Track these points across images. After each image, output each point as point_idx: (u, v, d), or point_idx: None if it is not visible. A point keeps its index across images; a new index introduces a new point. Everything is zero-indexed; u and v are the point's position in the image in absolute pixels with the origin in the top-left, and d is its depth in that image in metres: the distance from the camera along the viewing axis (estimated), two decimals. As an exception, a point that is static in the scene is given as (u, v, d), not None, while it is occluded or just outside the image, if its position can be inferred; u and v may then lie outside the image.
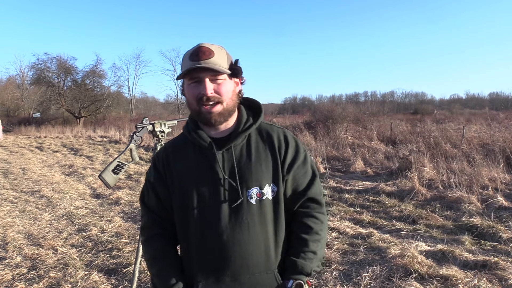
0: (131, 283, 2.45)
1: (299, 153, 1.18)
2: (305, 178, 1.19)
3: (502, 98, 67.06)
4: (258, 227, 1.11)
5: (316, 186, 1.19)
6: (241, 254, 1.09)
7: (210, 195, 1.11)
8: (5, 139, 18.13)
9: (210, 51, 1.07)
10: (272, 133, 1.18)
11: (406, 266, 3.14)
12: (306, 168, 1.19)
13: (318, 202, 1.19)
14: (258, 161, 1.14)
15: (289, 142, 1.17)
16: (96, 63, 29.38)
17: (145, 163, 9.69)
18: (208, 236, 1.11)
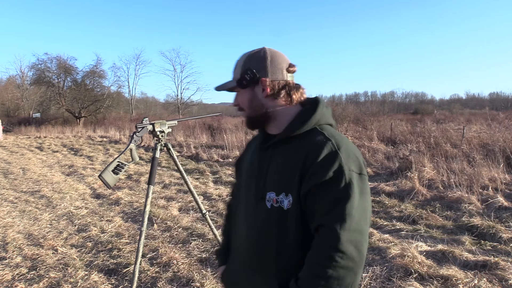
0: (131, 283, 2.45)
1: (328, 169, 0.98)
2: (326, 200, 0.98)
3: (502, 98, 67.08)
4: (265, 231, 1.09)
5: (339, 214, 0.96)
6: (247, 248, 1.16)
7: (244, 187, 1.21)
8: (5, 139, 18.13)
9: (235, 65, 1.17)
10: (311, 142, 1.05)
11: (406, 266, 3.14)
12: (331, 188, 0.98)
13: (335, 235, 0.94)
14: (283, 167, 1.07)
15: (320, 153, 1.00)
16: (96, 63, 29.40)
17: (145, 163, 9.70)
18: (236, 224, 1.27)
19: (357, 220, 0.96)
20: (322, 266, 0.96)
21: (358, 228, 0.96)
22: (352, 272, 0.96)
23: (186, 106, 39.81)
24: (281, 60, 1.13)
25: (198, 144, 12.45)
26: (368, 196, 1.02)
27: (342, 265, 0.94)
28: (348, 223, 0.95)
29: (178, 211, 5.19)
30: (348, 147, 1.04)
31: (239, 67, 1.14)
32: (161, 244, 3.90)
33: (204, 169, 8.57)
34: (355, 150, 1.07)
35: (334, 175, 0.97)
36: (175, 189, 6.64)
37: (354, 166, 1.00)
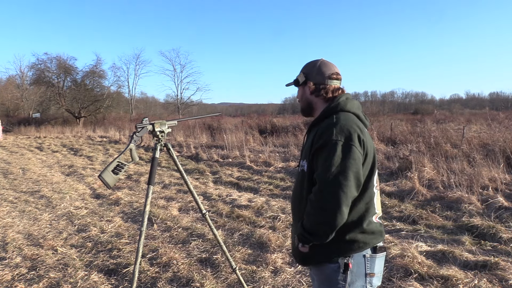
0: (131, 283, 2.45)
1: (322, 137, 1.39)
2: (318, 159, 1.39)
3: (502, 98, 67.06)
4: (298, 187, 1.54)
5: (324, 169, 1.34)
6: (293, 202, 1.62)
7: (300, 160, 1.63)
8: (5, 139, 18.12)
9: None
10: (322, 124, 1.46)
11: (406, 266, 3.14)
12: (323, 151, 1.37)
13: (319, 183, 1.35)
14: (308, 142, 1.51)
15: (322, 128, 1.42)
16: (96, 63, 29.39)
17: (145, 163, 9.69)
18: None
19: (335, 174, 1.32)
20: (309, 207, 1.38)
21: (336, 180, 1.32)
22: (329, 213, 1.32)
23: (186, 106, 39.80)
24: (326, 69, 1.57)
25: (198, 144, 12.44)
26: (353, 161, 1.34)
27: (320, 206, 1.34)
28: (327, 175, 1.32)
29: (178, 211, 5.19)
30: (345, 124, 1.40)
31: (301, 71, 1.63)
32: (161, 244, 3.90)
33: (204, 169, 8.57)
34: (351, 127, 1.39)
35: (324, 142, 1.37)
36: (175, 189, 6.63)
37: (342, 137, 1.36)
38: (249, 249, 3.72)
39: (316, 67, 1.59)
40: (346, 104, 1.52)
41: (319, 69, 1.58)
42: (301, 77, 1.60)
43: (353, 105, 1.53)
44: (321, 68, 1.58)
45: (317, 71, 1.58)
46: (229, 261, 2.66)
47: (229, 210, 5.09)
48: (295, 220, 1.57)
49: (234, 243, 3.91)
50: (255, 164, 8.72)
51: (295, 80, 1.63)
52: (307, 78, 1.59)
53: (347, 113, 1.48)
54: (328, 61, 1.61)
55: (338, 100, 1.53)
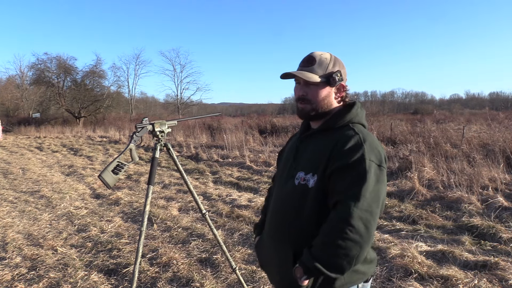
0: (131, 283, 2.45)
1: (352, 155, 1.16)
2: (346, 180, 1.15)
3: (502, 98, 67.09)
4: (292, 204, 1.29)
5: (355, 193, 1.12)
6: (276, 219, 1.37)
7: (283, 169, 1.43)
8: (5, 139, 18.12)
9: (313, 60, 1.30)
10: (342, 134, 1.26)
11: (406, 266, 3.14)
12: (352, 171, 1.15)
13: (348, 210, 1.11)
14: (315, 152, 1.28)
15: (348, 143, 1.20)
16: (96, 63, 29.41)
17: (145, 163, 9.69)
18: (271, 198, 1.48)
19: (369, 201, 1.12)
20: (333, 236, 1.12)
21: (369, 209, 1.12)
22: (358, 246, 1.11)
23: (186, 106, 39.81)
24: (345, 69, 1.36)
25: (198, 144, 12.44)
26: (384, 186, 1.18)
27: (351, 238, 1.10)
28: (361, 202, 1.11)
29: (178, 211, 5.19)
30: (372, 142, 1.22)
31: (325, 65, 1.30)
32: (161, 244, 3.90)
33: (204, 169, 8.57)
34: (379, 146, 1.24)
35: (356, 161, 1.16)
36: (175, 189, 6.63)
37: (375, 158, 1.18)
38: (249, 249, 3.72)
39: (345, 67, 1.35)
40: (363, 115, 1.34)
41: (345, 69, 1.35)
42: (337, 76, 1.29)
43: (364, 116, 1.37)
44: (345, 68, 1.36)
45: (345, 72, 1.34)
46: (229, 261, 2.66)
47: (229, 210, 5.09)
48: (284, 245, 1.30)
49: (234, 243, 3.91)
50: (255, 164, 8.72)
51: (326, 76, 1.29)
52: (341, 79, 1.31)
53: (362, 127, 1.31)
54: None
55: (357, 108, 1.33)
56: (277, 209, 1.38)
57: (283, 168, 1.43)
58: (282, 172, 1.42)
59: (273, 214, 1.40)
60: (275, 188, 1.47)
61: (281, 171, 1.44)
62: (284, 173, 1.39)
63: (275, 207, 1.39)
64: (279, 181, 1.42)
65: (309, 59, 1.30)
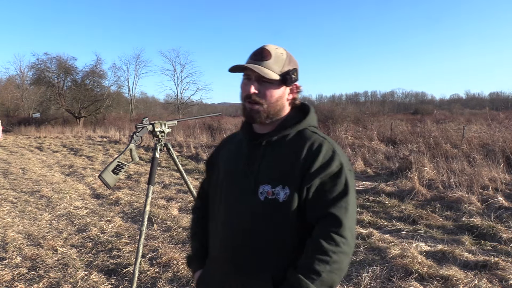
0: (131, 283, 2.45)
1: (330, 165, 1.08)
2: (331, 192, 1.08)
3: (502, 98, 67.10)
4: (259, 223, 1.11)
5: (342, 205, 1.07)
6: (237, 243, 1.14)
7: (229, 183, 1.20)
8: (5, 139, 18.12)
9: (268, 54, 1.12)
10: (308, 140, 1.14)
11: (406, 266, 3.14)
12: (335, 182, 1.08)
13: (339, 222, 1.05)
14: (280, 161, 1.13)
15: (321, 151, 1.10)
16: (96, 63, 29.32)
17: (145, 163, 9.69)
18: (218, 220, 1.22)
19: (352, 210, 1.09)
20: (327, 250, 1.03)
21: (354, 217, 1.09)
22: (348, 257, 1.07)
23: (186, 106, 39.81)
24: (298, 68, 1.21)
25: (198, 144, 12.45)
26: (355, 191, 1.14)
27: (344, 250, 1.05)
28: (349, 213, 1.07)
29: (178, 211, 5.19)
30: (339, 147, 1.16)
31: (281, 62, 1.14)
32: (161, 244, 3.90)
33: (204, 169, 8.56)
34: (342, 151, 1.18)
35: (337, 171, 1.09)
36: (175, 189, 6.63)
37: (347, 164, 1.13)
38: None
39: (297, 64, 1.20)
40: (316, 119, 1.24)
41: (298, 67, 1.20)
42: (294, 74, 1.16)
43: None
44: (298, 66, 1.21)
45: (292, 70, 1.17)
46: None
47: (229, 210, 5.08)
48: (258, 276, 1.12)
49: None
50: (255, 164, 8.71)
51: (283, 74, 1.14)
52: (296, 78, 1.17)
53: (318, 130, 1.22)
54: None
55: (313, 112, 1.22)
56: (243, 233, 1.14)
57: (232, 180, 1.19)
58: (231, 186, 1.19)
59: (237, 240, 1.15)
60: (221, 207, 1.20)
61: (229, 184, 1.20)
62: (236, 188, 1.17)
63: (239, 231, 1.15)
64: (230, 198, 1.18)
65: (263, 53, 1.12)
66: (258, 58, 1.12)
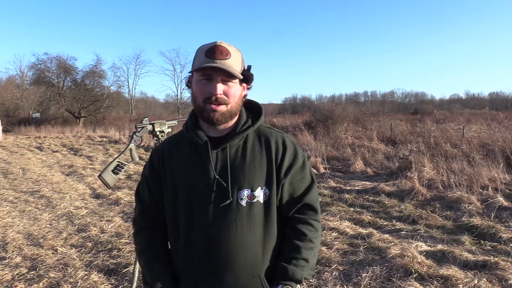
0: (131, 283, 2.45)
1: (297, 158, 1.16)
2: (302, 183, 1.17)
3: (502, 98, 67.14)
4: (246, 229, 1.09)
5: (313, 192, 1.18)
6: (227, 255, 1.09)
7: (199, 194, 1.11)
8: (5, 139, 18.12)
9: (227, 52, 1.07)
10: (270, 136, 1.17)
11: (406, 266, 3.14)
12: (304, 173, 1.18)
13: (314, 209, 1.17)
14: (252, 163, 1.12)
15: (287, 146, 1.16)
16: (96, 63, 29.35)
17: (145, 163, 9.69)
18: (195, 235, 1.11)
19: (316, 195, 1.21)
20: (310, 239, 1.14)
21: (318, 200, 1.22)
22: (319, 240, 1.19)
23: (186, 106, 39.78)
24: None
25: (198, 144, 12.43)
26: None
27: (320, 233, 1.19)
28: (317, 197, 1.20)
29: (178, 211, 5.19)
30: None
31: (239, 59, 1.11)
32: (161, 244, 3.89)
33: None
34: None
35: (302, 163, 1.18)
36: (175, 189, 6.63)
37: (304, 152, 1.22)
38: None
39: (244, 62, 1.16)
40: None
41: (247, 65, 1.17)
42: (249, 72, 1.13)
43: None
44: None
45: (247, 67, 1.15)
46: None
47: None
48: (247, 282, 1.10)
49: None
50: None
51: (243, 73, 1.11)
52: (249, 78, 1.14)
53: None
54: None
55: (262, 108, 1.21)
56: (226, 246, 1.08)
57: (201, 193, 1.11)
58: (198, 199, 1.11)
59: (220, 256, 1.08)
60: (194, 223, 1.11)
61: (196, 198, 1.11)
62: (207, 199, 1.09)
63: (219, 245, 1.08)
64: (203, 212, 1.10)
65: (223, 51, 1.06)
66: (218, 56, 1.05)
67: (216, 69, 1.05)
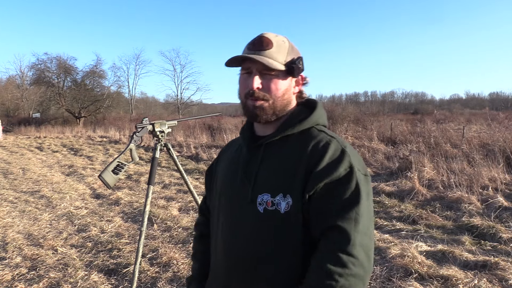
0: (131, 283, 2.45)
1: (339, 167, 0.91)
2: (337, 200, 0.90)
3: (502, 98, 67.17)
4: (257, 238, 0.97)
5: (351, 216, 0.88)
6: (234, 261, 1.02)
7: (227, 191, 1.07)
8: (5, 139, 18.12)
9: (269, 42, 0.98)
10: (313, 139, 0.98)
11: (406, 266, 3.14)
12: (344, 188, 0.91)
13: (347, 237, 0.86)
14: (281, 166, 0.97)
15: (327, 150, 0.94)
16: (96, 63, 29.38)
17: (145, 163, 9.69)
18: (216, 234, 1.10)
19: (366, 222, 0.89)
20: (333, 273, 0.86)
21: (367, 231, 0.90)
22: (361, 282, 0.87)
23: (186, 106, 39.82)
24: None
25: (198, 144, 12.44)
26: (371, 198, 0.96)
27: (354, 273, 0.86)
28: (360, 225, 0.88)
29: (178, 211, 5.19)
30: (351, 147, 0.99)
31: (284, 50, 1.00)
32: (161, 244, 3.90)
33: (204, 169, 8.57)
34: (355, 150, 1.01)
35: (345, 174, 0.91)
36: (175, 189, 6.64)
37: (361, 167, 0.95)
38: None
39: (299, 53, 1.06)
40: (326, 116, 1.10)
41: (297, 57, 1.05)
42: (300, 63, 1.02)
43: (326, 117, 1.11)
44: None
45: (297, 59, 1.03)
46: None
47: (229, 210, 5.09)
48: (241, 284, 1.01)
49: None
50: (255, 164, 8.71)
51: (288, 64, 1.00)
52: (303, 68, 1.04)
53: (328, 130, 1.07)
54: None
55: (321, 107, 1.07)
56: (241, 250, 1.00)
57: (227, 191, 1.07)
58: (229, 197, 1.06)
59: (236, 258, 1.01)
60: (221, 222, 1.07)
61: (226, 195, 1.07)
62: (231, 199, 1.04)
63: (233, 250, 1.02)
64: (225, 211, 1.06)
65: (263, 41, 0.98)
66: (257, 47, 0.98)
67: (252, 61, 0.97)
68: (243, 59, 0.98)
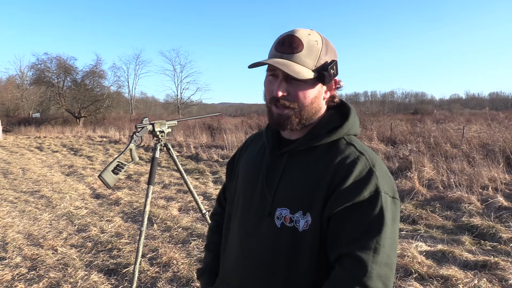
0: (131, 283, 2.45)
1: (364, 189, 0.83)
2: (357, 226, 0.83)
3: (502, 98, 67.20)
4: (269, 255, 0.92)
5: (371, 245, 0.80)
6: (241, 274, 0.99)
7: (246, 194, 1.01)
8: (5, 139, 18.12)
9: (299, 44, 0.87)
10: (339, 154, 0.90)
11: (406, 266, 3.14)
12: (364, 213, 0.83)
13: (364, 267, 0.79)
14: (303, 181, 0.90)
15: (353, 170, 0.85)
16: (96, 63, 29.40)
17: (145, 163, 9.69)
18: (229, 236, 1.06)
19: (388, 252, 0.82)
20: None
21: (389, 261, 0.82)
22: None
23: (186, 106, 39.81)
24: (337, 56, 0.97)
25: (198, 144, 12.44)
26: (398, 224, 0.88)
27: None
28: (380, 255, 0.80)
29: (178, 211, 5.19)
30: (381, 165, 0.90)
31: (316, 52, 0.88)
32: (161, 244, 3.90)
33: (204, 169, 8.57)
34: (387, 169, 0.91)
35: (369, 198, 0.83)
36: (175, 189, 6.64)
37: (389, 189, 0.86)
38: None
39: (335, 52, 0.95)
40: (358, 124, 0.99)
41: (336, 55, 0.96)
42: (333, 69, 0.91)
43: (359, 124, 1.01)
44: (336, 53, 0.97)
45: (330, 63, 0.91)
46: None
47: (229, 210, 5.09)
48: None
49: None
50: (255, 164, 8.70)
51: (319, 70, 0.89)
52: (336, 73, 0.92)
53: (358, 140, 0.97)
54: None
55: (354, 116, 0.97)
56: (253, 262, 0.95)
57: (248, 192, 1.01)
58: (247, 200, 1.01)
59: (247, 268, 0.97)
60: (236, 222, 1.04)
61: (245, 197, 1.02)
62: (253, 204, 0.98)
63: (248, 259, 0.97)
64: (245, 215, 1.00)
65: (293, 42, 0.88)
66: (286, 50, 0.87)
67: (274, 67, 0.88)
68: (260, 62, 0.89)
